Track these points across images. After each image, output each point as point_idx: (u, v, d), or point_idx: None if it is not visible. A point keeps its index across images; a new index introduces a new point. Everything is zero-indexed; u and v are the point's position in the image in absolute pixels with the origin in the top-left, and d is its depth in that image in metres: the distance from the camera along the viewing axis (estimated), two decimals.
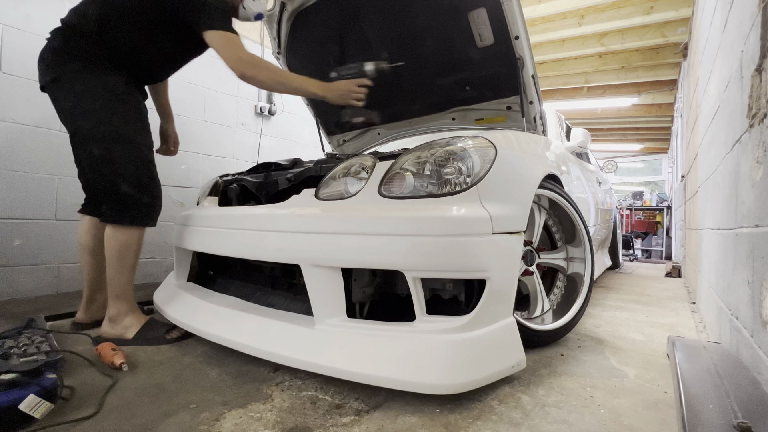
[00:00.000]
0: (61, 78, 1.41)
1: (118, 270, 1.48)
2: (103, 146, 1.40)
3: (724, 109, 1.42)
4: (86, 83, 1.41)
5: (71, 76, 1.41)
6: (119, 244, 1.47)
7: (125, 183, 1.43)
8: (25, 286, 2.21)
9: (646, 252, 7.62)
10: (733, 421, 0.79)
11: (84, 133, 1.42)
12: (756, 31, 0.98)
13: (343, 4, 1.94)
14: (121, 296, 1.50)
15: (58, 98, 1.45)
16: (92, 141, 1.41)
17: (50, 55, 1.44)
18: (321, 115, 2.53)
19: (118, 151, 1.42)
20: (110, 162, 1.41)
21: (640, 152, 9.66)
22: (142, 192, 1.48)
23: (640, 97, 5.74)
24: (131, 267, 1.52)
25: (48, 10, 2.27)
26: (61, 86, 1.42)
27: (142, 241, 1.53)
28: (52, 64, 1.42)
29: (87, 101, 1.40)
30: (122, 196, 1.44)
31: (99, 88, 1.42)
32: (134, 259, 1.52)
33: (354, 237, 1.09)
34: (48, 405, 0.90)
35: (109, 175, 1.42)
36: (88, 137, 1.41)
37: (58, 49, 1.43)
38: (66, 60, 1.41)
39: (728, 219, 1.34)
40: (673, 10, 3.66)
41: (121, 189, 1.43)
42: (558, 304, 1.67)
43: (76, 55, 1.42)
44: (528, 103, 1.77)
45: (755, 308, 0.97)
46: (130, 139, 1.45)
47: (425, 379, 0.98)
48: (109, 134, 1.41)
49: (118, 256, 1.47)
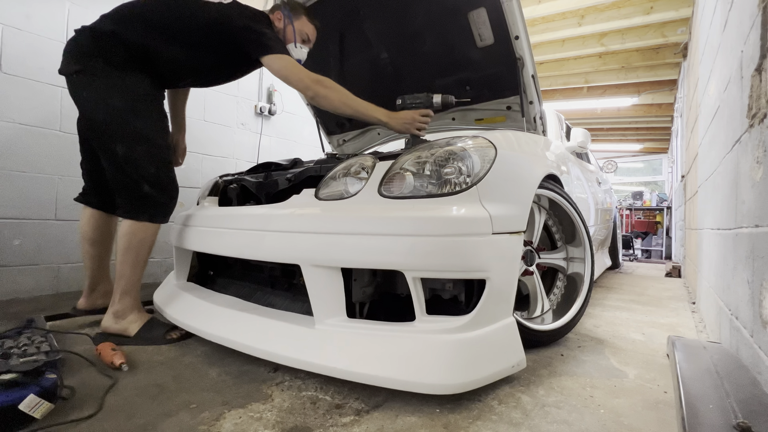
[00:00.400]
0: (85, 71, 1.43)
1: (133, 265, 1.51)
2: (127, 146, 1.43)
3: (724, 109, 1.42)
4: (109, 80, 1.44)
5: (94, 71, 1.43)
6: (137, 240, 1.49)
7: (147, 183, 1.47)
8: (25, 286, 2.21)
9: (646, 252, 7.62)
10: (733, 421, 0.79)
11: (106, 130, 1.44)
12: (756, 31, 0.98)
13: (344, 4, 1.94)
14: (129, 292, 1.53)
15: (79, 89, 1.46)
16: (116, 139, 1.43)
17: (76, 48, 1.46)
18: (321, 115, 2.53)
19: (141, 151, 1.46)
20: (133, 162, 1.44)
21: (640, 152, 9.66)
22: (162, 192, 1.52)
23: (640, 97, 5.74)
24: (144, 263, 1.55)
25: (48, 10, 2.27)
26: (83, 79, 1.44)
27: (155, 238, 1.56)
28: (78, 57, 1.44)
29: (111, 98, 1.43)
30: (143, 195, 1.47)
31: (123, 87, 1.45)
32: (148, 255, 1.55)
33: (354, 237, 1.09)
34: (48, 405, 0.90)
35: (132, 175, 1.45)
36: (112, 135, 1.44)
37: (84, 45, 1.46)
38: (92, 55, 1.44)
39: (728, 219, 1.34)
40: (673, 10, 3.66)
41: (143, 189, 1.47)
42: (558, 304, 1.67)
43: (101, 54, 1.44)
44: (528, 103, 1.77)
45: (755, 308, 0.97)
46: (152, 140, 1.49)
47: (425, 379, 0.98)
48: (133, 134, 1.45)
49: (135, 252, 1.50)
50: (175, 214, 1.87)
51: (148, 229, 1.52)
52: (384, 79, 2.14)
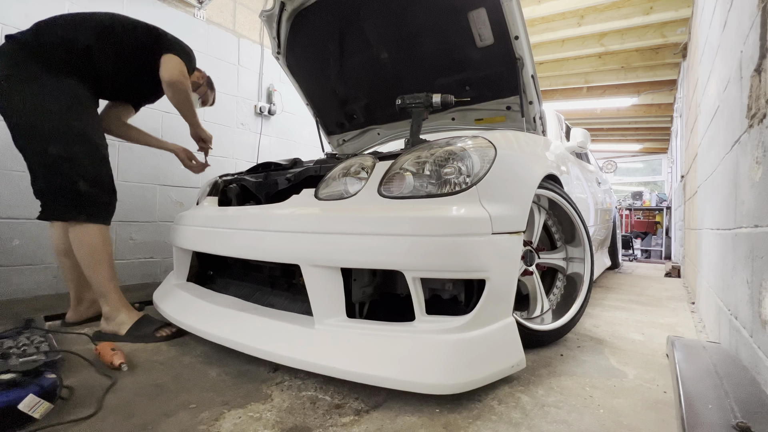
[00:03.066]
0: (14, 77, 1.43)
1: (92, 269, 1.52)
2: (63, 146, 1.44)
3: (724, 109, 1.42)
4: (45, 85, 1.45)
5: (27, 77, 1.44)
6: (84, 244, 1.50)
7: (84, 181, 1.47)
8: (24, 286, 2.20)
9: (646, 252, 7.62)
10: (732, 421, 0.79)
11: (40, 132, 1.43)
12: (755, 32, 0.98)
13: (343, 4, 1.94)
14: (105, 294, 1.54)
15: (5, 95, 1.44)
16: (50, 140, 1.43)
17: (9, 50, 1.46)
18: (321, 115, 2.53)
19: (79, 151, 1.47)
20: (69, 161, 1.45)
21: (639, 152, 9.67)
22: (102, 190, 1.53)
23: (639, 98, 5.75)
24: (104, 264, 1.53)
25: (47, 10, 2.27)
26: (12, 85, 1.44)
27: (108, 239, 1.56)
28: (8, 63, 1.45)
29: (47, 102, 1.44)
30: (80, 194, 1.47)
31: (61, 91, 1.46)
32: (105, 255, 1.54)
33: (354, 237, 1.09)
34: (47, 405, 0.90)
35: (67, 174, 1.45)
36: (45, 136, 1.43)
37: (19, 50, 1.46)
38: (26, 60, 1.45)
39: (727, 219, 1.34)
40: (673, 10, 3.66)
41: (80, 187, 1.46)
42: (557, 304, 1.67)
43: (39, 58, 1.46)
44: (528, 103, 1.77)
45: (754, 308, 0.97)
46: (90, 139, 1.50)
47: (425, 379, 0.98)
48: (71, 135, 1.45)
49: (87, 256, 1.51)
50: (175, 214, 1.88)
51: (93, 231, 1.51)
52: (384, 79, 2.14)
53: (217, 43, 3.16)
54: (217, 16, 3.18)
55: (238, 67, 3.33)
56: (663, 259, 6.81)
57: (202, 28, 3.06)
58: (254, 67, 3.47)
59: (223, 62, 3.21)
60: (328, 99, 2.41)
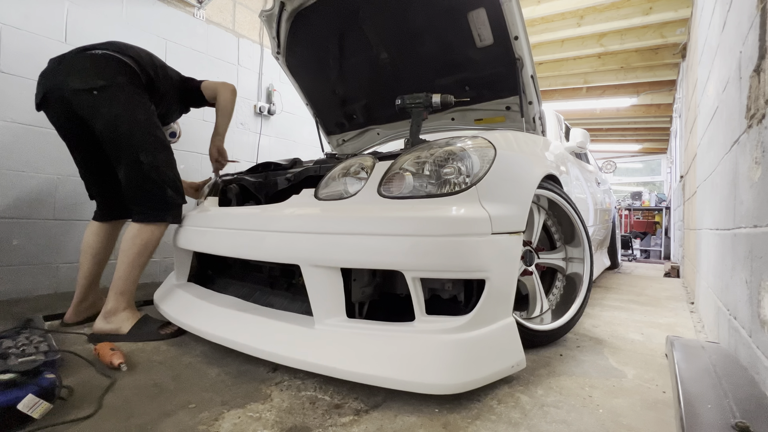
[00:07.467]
0: (111, 87, 1.53)
1: (134, 267, 1.57)
2: (152, 154, 1.56)
3: (723, 109, 1.43)
4: (131, 96, 1.57)
5: (119, 87, 1.55)
6: (143, 241, 1.57)
7: (170, 187, 1.62)
8: (23, 286, 2.20)
9: (645, 252, 7.63)
10: (732, 421, 0.79)
11: (131, 140, 1.54)
12: (754, 32, 0.98)
13: (343, 4, 1.94)
14: (124, 293, 1.56)
15: (102, 103, 1.52)
16: (140, 149, 1.54)
17: (104, 62, 1.57)
18: (321, 115, 2.53)
19: (162, 158, 1.61)
20: (156, 168, 1.57)
21: (638, 152, 9.68)
22: (179, 194, 1.68)
23: (639, 98, 5.75)
24: (143, 265, 1.61)
25: (47, 10, 2.27)
26: (109, 94, 1.53)
27: (161, 239, 1.65)
28: (105, 72, 1.55)
29: (135, 112, 1.56)
30: (167, 199, 1.61)
31: (142, 104, 1.60)
32: (150, 257, 1.62)
33: (353, 237, 1.09)
34: (46, 405, 0.90)
35: (158, 180, 1.58)
36: (136, 145, 1.54)
37: (113, 61, 1.58)
38: (117, 72, 1.57)
39: (727, 219, 1.34)
40: (672, 10, 3.67)
41: (167, 193, 1.61)
42: (557, 304, 1.67)
43: (125, 71, 1.59)
44: (527, 103, 1.78)
45: (753, 308, 0.97)
46: (169, 148, 1.67)
47: (424, 379, 0.98)
48: (156, 143, 1.59)
49: (138, 253, 1.56)
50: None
51: (157, 230, 1.61)
52: (384, 79, 2.14)
53: (217, 42, 3.16)
54: (216, 15, 3.18)
55: (237, 67, 3.33)
56: (662, 259, 6.82)
57: (202, 28, 3.06)
58: (254, 67, 3.47)
59: (223, 62, 3.21)
60: (327, 99, 2.41)
